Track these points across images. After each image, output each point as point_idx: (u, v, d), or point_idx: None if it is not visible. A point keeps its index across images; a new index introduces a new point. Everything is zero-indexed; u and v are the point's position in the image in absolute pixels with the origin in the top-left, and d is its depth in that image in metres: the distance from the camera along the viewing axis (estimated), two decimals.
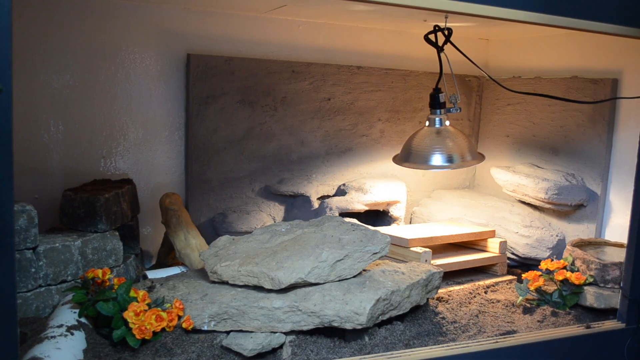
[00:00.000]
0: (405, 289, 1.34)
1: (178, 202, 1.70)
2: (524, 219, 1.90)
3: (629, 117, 1.78)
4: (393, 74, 2.12)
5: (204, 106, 1.82)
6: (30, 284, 1.29)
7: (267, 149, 1.94)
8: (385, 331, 1.29)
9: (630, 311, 1.44)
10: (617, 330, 1.43)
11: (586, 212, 1.87)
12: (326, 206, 1.90)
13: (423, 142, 1.82)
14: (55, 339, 1.10)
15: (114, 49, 1.73)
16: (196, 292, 1.34)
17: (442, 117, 1.84)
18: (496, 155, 2.22)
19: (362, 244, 1.39)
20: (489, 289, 1.67)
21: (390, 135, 2.15)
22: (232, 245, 1.47)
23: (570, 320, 1.46)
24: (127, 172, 1.79)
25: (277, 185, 1.95)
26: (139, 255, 1.65)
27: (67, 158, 1.70)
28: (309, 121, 1.99)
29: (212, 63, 1.82)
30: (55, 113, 1.67)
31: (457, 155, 1.80)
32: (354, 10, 1.77)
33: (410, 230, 1.82)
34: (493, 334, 1.34)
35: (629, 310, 1.44)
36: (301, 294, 1.27)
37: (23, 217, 1.25)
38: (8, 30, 0.81)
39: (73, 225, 1.45)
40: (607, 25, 1.32)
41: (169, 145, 1.84)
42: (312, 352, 1.20)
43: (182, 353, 1.16)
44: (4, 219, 0.83)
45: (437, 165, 1.80)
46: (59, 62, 1.66)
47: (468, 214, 2.01)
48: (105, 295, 1.21)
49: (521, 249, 1.86)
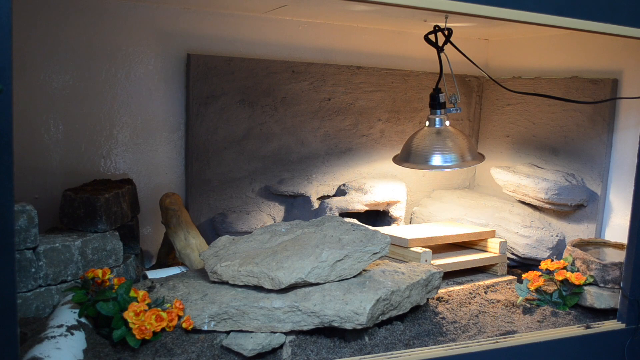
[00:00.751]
0: (405, 289, 1.34)
1: (178, 202, 1.70)
2: (524, 219, 1.90)
3: (629, 118, 1.78)
4: (393, 74, 2.12)
5: (204, 106, 1.82)
6: (30, 284, 1.29)
7: (267, 149, 1.94)
8: (385, 331, 1.29)
9: (630, 311, 1.44)
10: (617, 330, 1.43)
11: (586, 212, 1.87)
12: (326, 206, 1.90)
13: (423, 143, 1.82)
14: (55, 339, 1.10)
15: (114, 49, 1.73)
16: (196, 292, 1.34)
17: (442, 118, 1.83)
18: (496, 156, 2.22)
19: (362, 244, 1.39)
20: (489, 289, 1.67)
21: (390, 135, 2.15)
22: (232, 245, 1.47)
23: (570, 321, 1.46)
24: (127, 172, 1.79)
25: (277, 185, 1.95)
26: (139, 255, 1.65)
27: (67, 158, 1.70)
28: (309, 121, 1.99)
29: (212, 63, 1.82)
30: (56, 113, 1.67)
31: (457, 155, 1.80)
32: (354, 11, 1.77)
33: (410, 230, 1.82)
34: (493, 334, 1.34)
35: (629, 310, 1.44)
36: (301, 294, 1.27)
37: (23, 217, 1.25)
38: (8, 30, 0.81)
39: (73, 225, 1.45)
40: (607, 26, 1.32)
41: (169, 145, 1.84)
42: (312, 352, 1.20)
43: (182, 353, 1.16)
44: (4, 219, 0.83)
45: (437, 166, 1.80)
46: (59, 62, 1.66)
47: (468, 214, 2.01)
48: (105, 295, 1.21)
49: (521, 249, 1.86)
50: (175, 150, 1.85)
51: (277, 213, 1.95)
